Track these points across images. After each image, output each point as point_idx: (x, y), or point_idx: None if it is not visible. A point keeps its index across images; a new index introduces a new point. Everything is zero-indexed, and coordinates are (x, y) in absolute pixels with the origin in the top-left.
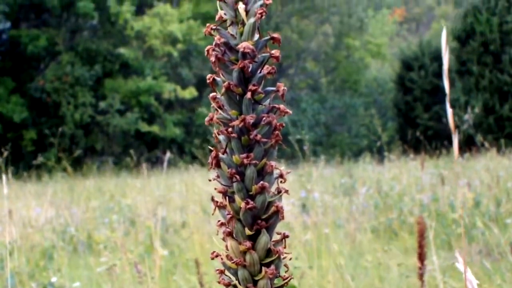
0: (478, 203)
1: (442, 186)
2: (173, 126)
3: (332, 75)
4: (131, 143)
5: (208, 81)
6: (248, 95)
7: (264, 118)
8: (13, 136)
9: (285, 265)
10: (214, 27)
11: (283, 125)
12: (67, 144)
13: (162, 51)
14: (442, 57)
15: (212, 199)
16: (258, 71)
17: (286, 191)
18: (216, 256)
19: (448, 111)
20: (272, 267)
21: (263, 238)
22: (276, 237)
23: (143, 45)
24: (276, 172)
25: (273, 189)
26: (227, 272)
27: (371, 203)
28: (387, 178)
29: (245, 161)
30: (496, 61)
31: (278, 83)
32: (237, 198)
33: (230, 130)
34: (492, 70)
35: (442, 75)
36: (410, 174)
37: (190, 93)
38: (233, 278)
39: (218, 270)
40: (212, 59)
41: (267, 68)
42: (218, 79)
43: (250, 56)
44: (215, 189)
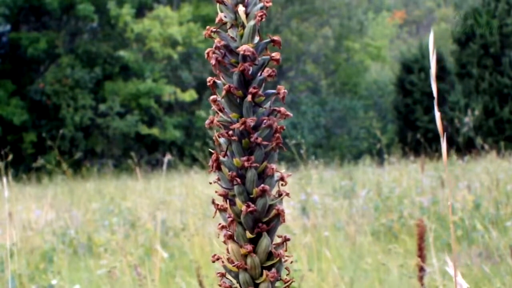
0: (478, 206)
1: (442, 189)
2: (173, 128)
3: (332, 78)
4: (131, 145)
5: (208, 83)
6: (249, 97)
7: (264, 121)
8: (13, 139)
9: (286, 268)
10: (214, 29)
11: (284, 128)
12: (67, 147)
13: (162, 53)
14: (430, 60)
15: (213, 202)
16: (259, 74)
17: (287, 194)
18: (217, 259)
19: (436, 114)
20: (273, 270)
21: (264, 241)
22: (277, 240)
23: (143, 47)
24: (276, 175)
25: (274, 192)
26: (228, 275)
27: (371, 205)
28: (387, 180)
29: (245, 164)
30: (496, 63)
31: (279, 86)
32: (238, 201)
33: (230, 133)
34: (492, 72)
35: (442, 78)
36: (410, 176)
37: (190, 95)
38: (234, 281)
39: (219, 273)
40: (213, 61)
41: (267, 71)
42: (219, 81)
43: (251, 59)
44: (216, 192)
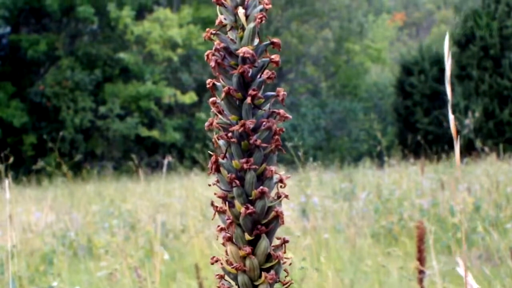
0: (478, 208)
1: (442, 191)
2: (173, 130)
3: (332, 80)
4: (131, 148)
5: (208, 86)
6: (248, 100)
7: (264, 123)
8: (13, 141)
9: (285, 270)
10: (214, 31)
11: (283, 130)
12: (67, 149)
13: (162, 56)
14: (445, 63)
15: (212, 204)
16: (258, 76)
17: (286, 196)
18: (216, 261)
19: (450, 117)
20: (272, 272)
21: (263, 243)
22: (276, 242)
23: (143, 50)
24: (275, 177)
25: (273, 194)
26: (227, 277)
27: (371, 208)
28: (387, 182)
29: (245, 166)
30: (496, 65)
31: (278, 88)
32: (237, 203)
33: (230, 135)
34: (492, 74)
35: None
36: (410, 178)
37: (190, 98)
38: (233, 283)
39: (218, 275)
40: (212, 64)
41: (267, 73)
42: (218, 84)
43: (250, 61)
44: (215, 194)
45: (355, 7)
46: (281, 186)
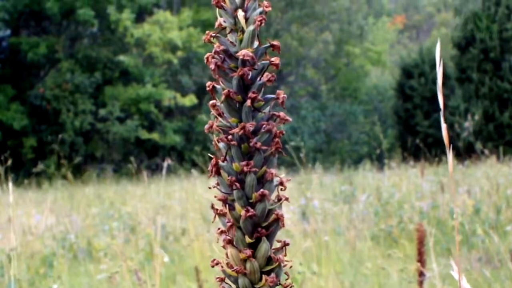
0: (478, 210)
1: (442, 194)
2: (173, 133)
3: (332, 83)
4: (131, 150)
5: (207, 88)
6: (248, 102)
7: (264, 126)
8: (13, 144)
9: (285, 273)
10: (214, 34)
11: (283, 132)
12: (67, 152)
13: (162, 58)
14: (436, 72)
15: (212, 207)
16: (258, 79)
17: (286, 199)
18: (216, 263)
19: (443, 126)
20: (273, 275)
21: (264, 246)
22: (276, 245)
23: (143, 52)
24: (276, 180)
25: (273, 196)
26: (227, 280)
27: (371, 210)
28: (387, 185)
29: (245, 168)
30: (496, 68)
31: (278, 91)
32: (237, 205)
33: (230, 137)
34: (492, 77)
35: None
36: (410, 181)
37: (190, 100)
38: (233, 286)
39: (218, 278)
40: (212, 66)
41: (266, 76)
42: (218, 86)
43: (250, 64)
44: (215, 196)
45: (355, 10)
46: (281, 189)
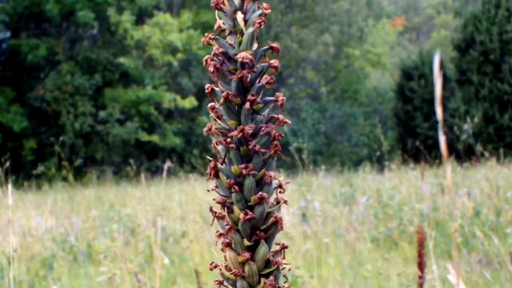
0: (477, 213)
1: (442, 196)
2: (173, 135)
3: (332, 85)
4: (131, 152)
5: (206, 91)
6: (247, 105)
7: (263, 128)
8: (13, 146)
9: (284, 275)
10: (213, 36)
11: (282, 135)
12: (67, 154)
13: (162, 60)
14: (434, 82)
15: (211, 210)
16: (257, 81)
17: (285, 202)
18: (215, 266)
19: (441, 139)
20: (271, 278)
21: (262, 249)
22: (275, 247)
23: (143, 54)
24: (275, 183)
25: (272, 199)
26: (226, 283)
27: (371, 212)
28: (387, 187)
29: (243, 171)
30: (496, 70)
31: (277, 93)
32: (235, 208)
33: (228, 140)
34: (492, 79)
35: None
36: (410, 183)
37: (190, 102)
38: None
39: (216, 280)
40: (211, 69)
41: (266, 78)
42: (217, 89)
43: (249, 66)
44: (214, 199)
45: (355, 12)
46: (280, 192)
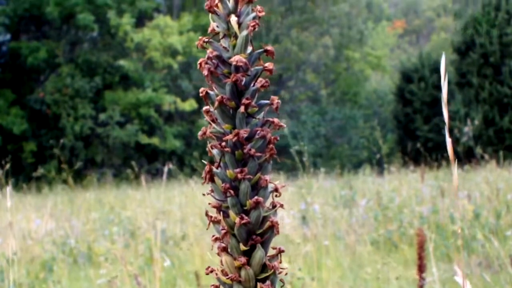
0: (477, 215)
1: (442, 198)
2: (173, 138)
3: (332, 87)
4: (131, 155)
5: (201, 94)
6: (242, 108)
7: (258, 132)
8: (13, 148)
9: (281, 280)
10: (207, 39)
11: (278, 138)
12: (67, 156)
13: (162, 63)
14: (442, 85)
15: (207, 214)
16: (252, 85)
17: (281, 206)
18: (211, 271)
19: (447, 140)
20: (268, 282)
21: (258, 253)
22: (271, 252)
23: (143, 57)
24: (270, 186)
25: (268, 203)
26: None
27: (371, 215)
28: (387, 190)
29: (239, 175)
30: (496, 73)
31: (272, 96)
32: (231, 213)
33: (223, 144)
34: (492, 82)
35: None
36: (410, 186)
37: (190, 105)
38: None
39: (213, 285)
40: (205, 72)
41: (260, 81)
42: (211, 92)
43: (243, 69)
44: (209, 204)
45: (355, 15)
46: (276, 196)
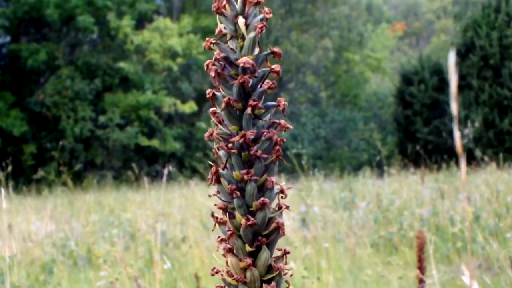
0: (477, 217)
1: (442, 201)
2: (173, 140)
3: (332, 89)
4: (131, 157)
5: (208, 96)
6: (249, 110)
7: (264, 134)
8: (13, 150)
9: (286, 281)
10: (214, 41)
11: (284, 140)
12: (67, 158)
13: (162, 65)
14: (450, 79)
15: (212, 215)
16: (259, 86)
17: (287, 207)
18: (217, 272)
19: (456, 134)
20: (273, 283)
21: (264, 254)
22: (277, 253)
23: (143, 59)
24: (276, 188)
25: (273, 205)
26: None
27: (371, 217)
28: (387, 192)
29: (245, 177)
30: (496, 75)
31: (279, 98)
32: (237, 214)
33: (230, 145)
34: (492, 84)
35: (442, 90)
36: (410, 188)
37: (190, 107)
38: None
39: (218, 286)
40: (212, 73)
41: (267, 83)
42: (218, 94)
43: (250, 71)
44: (215, 205)
45: (355, 17)
46: (282, 197)
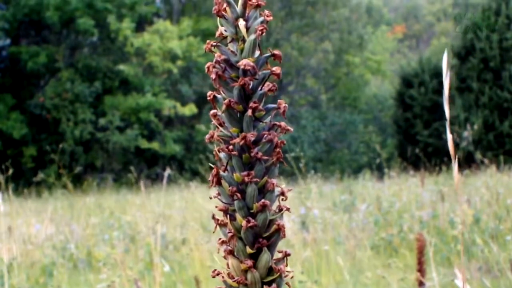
0: (477, 220)
1: (442, 203)
2: (173, 142)
3: (332, 92)
4: (131, 160)
5: (208, 98)
6: (249, 112)
7: (265, 136)
8: (13, 153)
9: (287, 283)
10: (215, 43)
11: (284, 142)
12: (67, 161)
13: (162, 67)
14: (443, 81)
15: (213, 217)
16: (259, 88)
17: (288, 209)
18: (217, 274)
19: (449, 137)
20: (274, 285)
21: (265, 256)
22: (277, 255)
23: (143, 61)
24: (277, 190)
25: (274, 207)
26: None
27: (371, 220)
28: (387, 194)
29: (246, 179)
30: (496, 78)
31: (279, 100)
32: (238, 216)
33: (231, 147)
34: (492, 87)
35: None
36: (410, 191)
37: (190, 109)
38: None
39: None
40: (213, 76)
41: (268, 85)
42: (219, 96)
43: (251, 73)
44: (216, 207)
45: (355, 19)
46: (282, 199)
